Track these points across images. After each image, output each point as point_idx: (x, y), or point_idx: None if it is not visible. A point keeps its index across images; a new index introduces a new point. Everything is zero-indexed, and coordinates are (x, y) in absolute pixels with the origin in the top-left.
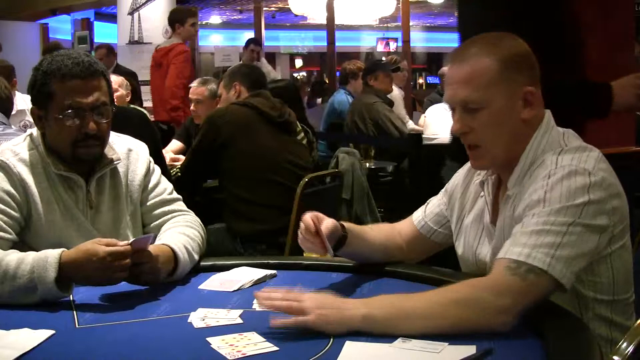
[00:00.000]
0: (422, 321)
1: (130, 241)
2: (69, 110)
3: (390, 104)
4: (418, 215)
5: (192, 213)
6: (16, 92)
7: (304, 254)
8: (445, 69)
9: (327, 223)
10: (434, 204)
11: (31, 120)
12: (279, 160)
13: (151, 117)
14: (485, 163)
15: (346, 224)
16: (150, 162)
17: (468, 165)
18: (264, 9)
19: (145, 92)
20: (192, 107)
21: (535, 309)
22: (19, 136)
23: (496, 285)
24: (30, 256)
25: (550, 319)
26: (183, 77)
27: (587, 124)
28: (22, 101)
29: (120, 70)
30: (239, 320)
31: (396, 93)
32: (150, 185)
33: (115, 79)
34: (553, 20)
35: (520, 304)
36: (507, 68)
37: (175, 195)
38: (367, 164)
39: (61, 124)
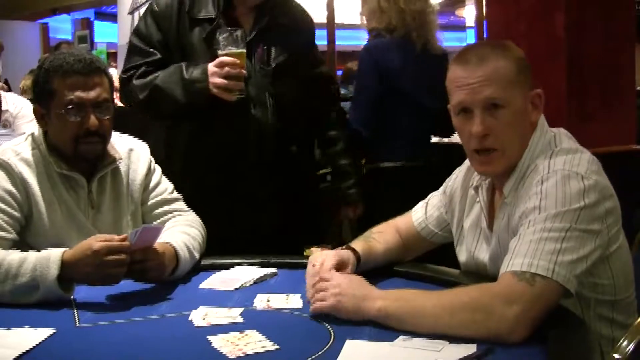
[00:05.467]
0: (430, 321)
1: (136, 229)
2: (71, 106)
3: None
4: (419, 217)
5: (192, 212)
6: (1, 92)
7: (305, 253)
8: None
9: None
10: (435, 206)
11: (10, 120)
12: None
13: None
14: (499, 167)
15: (358, 247)
16: (151, 161)
17: (466, 167)
18: None
19: None
20: None
21: None
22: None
23: (505, 293)
24: (33, 255)
25: (550, 318)
26: None
27: (587, 122)
28: (4, 100)
29: None
30: (240, 319)
31: None
32: (151, 184)
33: (116, 78)
34: None
35: (529, 313)
36: (520, 70)
37: (176, 194)
38: None
39: (63, 120)
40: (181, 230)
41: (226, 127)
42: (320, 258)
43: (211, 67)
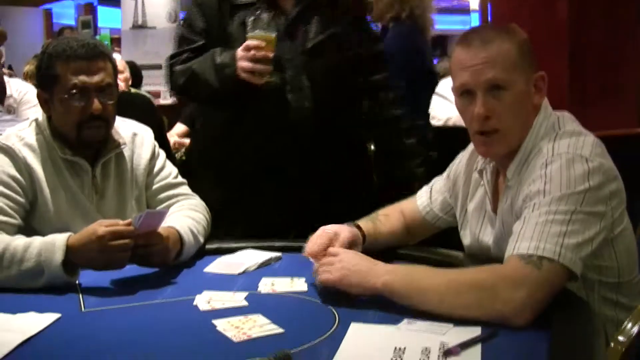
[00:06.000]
0: (436, 299)
1: (140, 214)
2: (74, 91)
3: None
4: (423, 201)
5: (197, 197)
6: (5, 77)
7: (309, 237)
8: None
9: (342, 242)
10: (438, 190)
11: (14, 105)
12: None
13: (156, 102)
14: (501, 149)
15: (363, 226)
16: (155, 146)
17: (469, 151)
18: None
19: (148, 76)
20: None
21: None
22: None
23: (512, 276)
24: (38, 240)
25: (554, 301)
26: None
27: (588, 106)
28: (8, 85)
29: None
30: (245, 303)
31: None
32: (156, 169)
33: (120, 62)
34: None
35: (536, 295)
36: (523, 53)
37: (180, 179)
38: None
39: (67, 105)
40: (185, 215)
41: (261, 112)
42: (334, 229)
43: (239, 51)
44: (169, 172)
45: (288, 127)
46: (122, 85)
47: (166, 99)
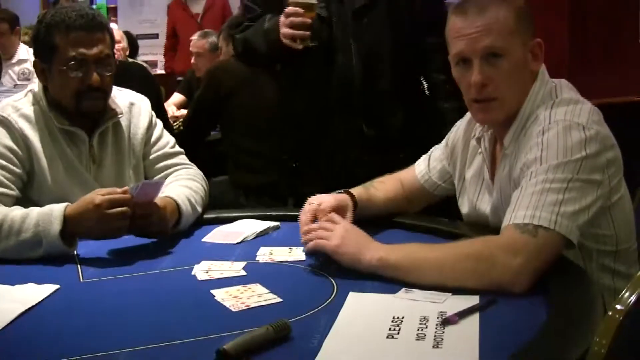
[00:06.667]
0: (433, 272)
1: (137, 184)
2: (73, 62)
3: None
4: (422, 169)
5: (194, 166)
6: (21, 42)
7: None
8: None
9: (325, 210)
10: (437, 158)
11: (30, 68)
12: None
13: (153, 71)
14: (498, 116)
15: (355, 192)
16: (152, 115)
17: (467, 119)
18: None
19: (145, 45)
20: (192, 60)
21: None
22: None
23: (509, 244)
24: (35, 211)
25: (553, 270)
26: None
27: (587, 72)
28: (25, 51)
29: None
30: (243, 272)
31: None
32: (153, 139)
33: (116, 32)
34: None
35: (532, 263)
36: (520, 20)
37: (177, 148)
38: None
39: (65, 76)
40: (183, 184)
41: (312, 75)
42: (319, 199)
43: (281, 17)
44: (166, 141)
45: (337, 89)
46: (119, 54)
47: (162, 69)
